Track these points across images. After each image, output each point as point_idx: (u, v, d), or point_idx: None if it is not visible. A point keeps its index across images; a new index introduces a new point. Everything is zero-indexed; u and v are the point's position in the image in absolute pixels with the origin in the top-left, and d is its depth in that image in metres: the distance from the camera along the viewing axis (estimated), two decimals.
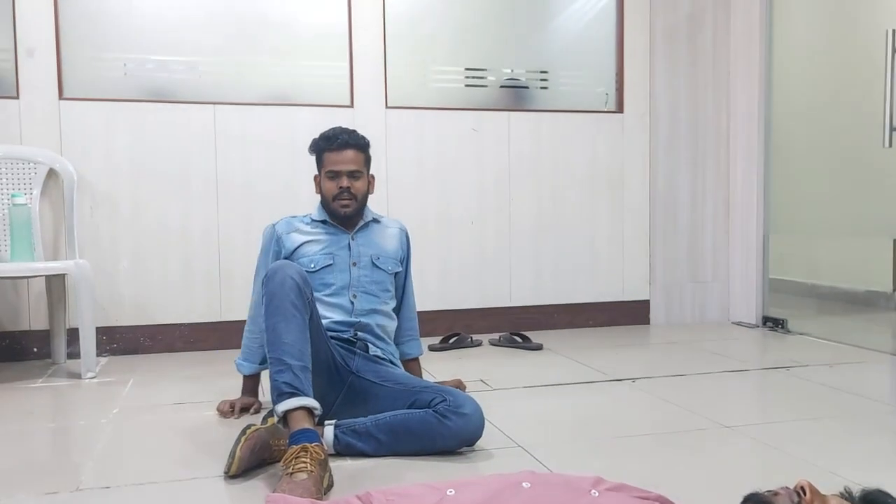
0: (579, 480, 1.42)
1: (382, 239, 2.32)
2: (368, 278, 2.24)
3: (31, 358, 3.21)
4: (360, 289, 2.22)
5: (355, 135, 2.23)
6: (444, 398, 1.92)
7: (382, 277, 2.27)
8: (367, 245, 2.28)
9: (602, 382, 2.75)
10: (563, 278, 3.88)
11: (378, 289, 2.26)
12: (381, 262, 2.27)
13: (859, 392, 2.56)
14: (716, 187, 4.10)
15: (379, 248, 2.29)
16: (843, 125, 3.64)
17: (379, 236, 2.32)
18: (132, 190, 3.30)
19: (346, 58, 3.55)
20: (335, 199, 2.21)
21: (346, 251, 2.24)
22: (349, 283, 2.21)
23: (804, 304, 4.36)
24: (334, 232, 2.27)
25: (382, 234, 2.33)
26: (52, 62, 3.18)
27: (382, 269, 2.27)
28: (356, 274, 2.23)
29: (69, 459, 2.02)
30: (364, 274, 2.24)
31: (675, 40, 3.99)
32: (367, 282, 2.23)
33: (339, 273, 2.21)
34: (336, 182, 2.21)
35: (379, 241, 2.31)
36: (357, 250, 2.25)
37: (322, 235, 2.26)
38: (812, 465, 1.82)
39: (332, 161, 2.20)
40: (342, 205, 2.21)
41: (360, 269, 2.24)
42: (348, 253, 2.24)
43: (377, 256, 2.27)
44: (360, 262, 2.24)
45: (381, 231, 2.34)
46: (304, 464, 1.62)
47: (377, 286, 2.26)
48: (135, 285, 3.32)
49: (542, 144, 3.82)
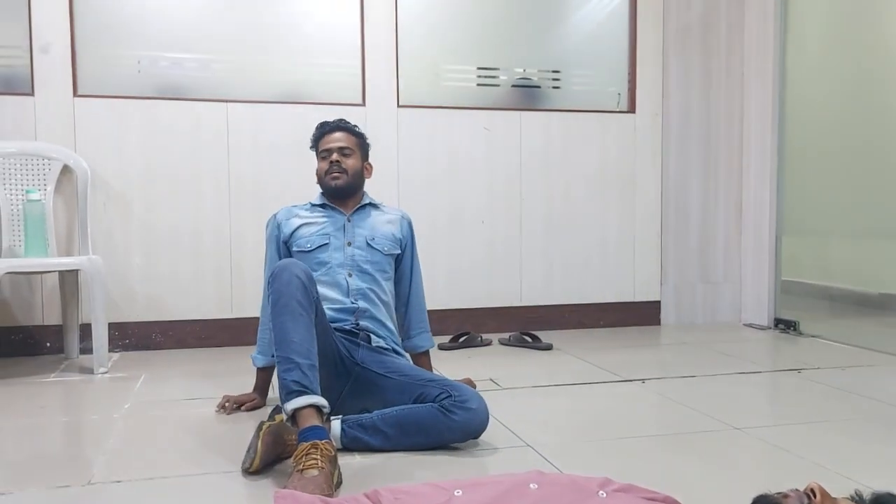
0: (587, 481, 1.42)
1: (379, 222, 2.37)
2: (363, 258, 2.28)
3: (44, 353, 3.23)
4: (355, 267, 2.26)
5: (346, 121, 2.38)
6: (449, 393, 1.95)
7: (378, 258, 2.31)
8: (363, 226, 2.33)
9: (612, 383, 2.74)
10: (574, 278, 3.87)
11: (374, 268, 2.29)
12: (375, 242, 2.31)
13: (872, 395, 2.54)
14: (728, 188, 4.08)
15: (374, 229, 2.34)
16: (857, 125, 3.60)
17: (376, 220, 2.37)
18: (145, 186, 3.32)
19: (359, 56, 3.55)
20: (326, 174, 2.31)
21: (341, 231, 2.30)
22: (343, 261, 2.26)
23: (817, 307, 4.33)
24: (331, 214, 2.33)
25: (380, 218, 2.38)
26: (66, 59, 3.21)
27: (377, 249, 2.31)
28: (350, 253, 2.27)
29: (81, 453, 2.03)
30: (359, 253, 2.28)
31: (688, 40, 3.97)
32: (362, 261, 2.27)
33: (335, 252, 2.26)
34: (327, 160, 2.31)
35: (375, 224, 2.35)
36: (352, 231, 2.31)
37: (320, 218, 2.33)
38: (823, 468, 1.81)
39: (323, 143, 2.34)
40: (332, 177, 2.30)
41: (354, 248, 2.28)
42: (343, 233, 2.29)
43: (372, 237, 2.31)
44: (355, 241, 2.29)
45: (380, 215, 2.39)
46: (315, 460, 1.63)
47: (372, 266, 2.29)
48: (147, 281, 3.34)
49: (554, 144, 3.81)
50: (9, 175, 3.10)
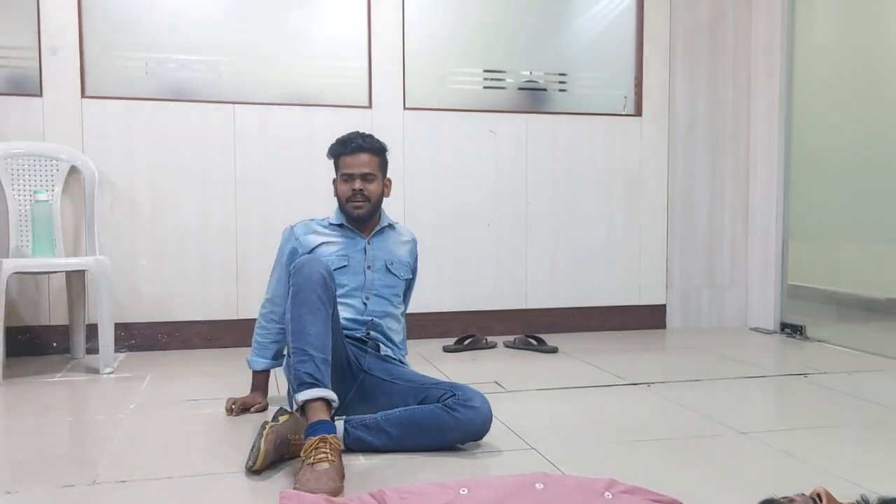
0: (593, 482, 1.42)
1: (396, 246, 2.35)
2: (382, 282, 2.27)
3: (51, 353, 3.25)
4: (373, 291, 2.26)
5: (370, 139, 2.26)
6: (453, 393, 1.97)
7: (395, 282, 2.31)
8: (382, 250, 2.31)
9: (617, 386, 2.73)
10: (580, 281, 3.86)
11: (390, 293, 2.29)
12: (394, 267, 2.31)
13: (878, 400, 2.53)
14: (735, 191, 4.07)
15: (393, 254, 2.32)
16: (865, 129, 3.59)
17: (393, 243, 2.35)
18: (152, 188, 3.33)
19: (365, 59, 3.56)
20: (348, 201, 2.24)
21: (361, 254, 2.27)
22: (363, 285, 2.25)
23: (823, 311, 4.30)
24: (351, 235, 2.30)
25: (397, 241, 2.37)
26: (74, 60, 3.22)
27: (395, 275, 2.31)
28: (370, 277, 2.26)
29: (86, 453, 2.04)
30: (378, 277, 2.27)
31: (694, 43, 3.97)
32: (380, 285, 2.27)
33: (354, 275, 2.24)
34: (349, 185, 2.23)
35: (393, 248, 2.34)
36: (372, 254, 2.28)
37: (339, 238, 2.29)
38: (829, 472, 1.80)
39: (346, 164, 2.24)
40: (355, 206, 2.24)
41: (374, 272, 2.27)
42: (363, 256, 2.27)
43: (391, 262, 2.30)
44: (375, 265, 2.28)
45: (396, 238, 2.37)
46: (325, 454, 1.65)
47: (389, 290, 2.29)
48: (153, 282, 3.35)
49: (560, 147, 3.81)
50: (17, 175, 3.12)
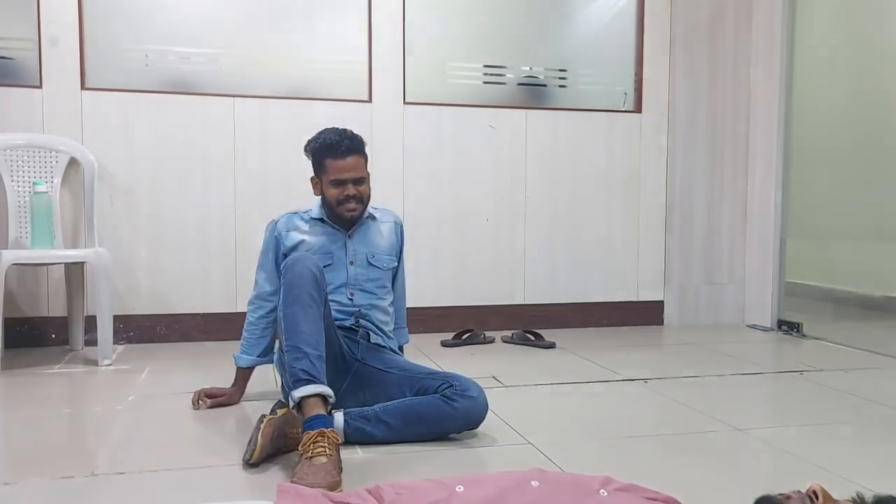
0: (588, 480, 1.42)
1: (378, 236, 2.32)
2: (364, 276, 2.26)
3: (49, 344, 3.25)
4: (357, 286, 2.25)
5: (355, 139, 2.20)
6: (451, 383, 1.99)
7: (378, 275, 2.29)
8: (363, 244, 2.28)
9: (614, 382, 2.74)
10: (578, 277, 3.87)
11: (374, 286, 2.28)
12: (376, 259, 2.29)
13: (874, 398, 2.53)
14: (733, 189, 4.07)
15: (374, 245, 2.30)
16: (864, 128, 3.60)
17: (375, 233, 2.32)
18: (151, 180, 3.33)
19: (366, 53, 3.55)
20: (340, 205, 2.19)
21: (342, 250, 2.26)
22: (346, 281, 2.24)
23: (820, 309, 4.32)
24: (331, 231, 2.27)
25: (378, 230, 2.33)
26: (74, 52, 3.22)
27: (378, 267, 2.29)
28: (353, 272, 2.25)
29: (84, 445, 2.05)
30: (360, 272, 2.26)
31: (695, 40, 3.96)
32: (363, 279, 2.26)
33: (337, 272, 2.23)
34: (341, 189, 2.18)
35: (374, 239, 2.31)
36: (353, 248, 2.26)
37: (319, 235, 2.26)
38: (824, 469, 1.81)
39: (336, 169, 2.16)
40: (349, 209, 2.20)
41: (356, 267, 2.26)
42: (344, 252, 2.26)
43: (372, 255, 2.28)
44: (357, 260, 2.26)
45: (377, 227, 2.34)
46: (323, 448, 1.66)
47: (373, 283, 2.28)
48: (152, 274, 3.35)
49: (559, 143, 3.81)
50: (16, 167, 3.12)
